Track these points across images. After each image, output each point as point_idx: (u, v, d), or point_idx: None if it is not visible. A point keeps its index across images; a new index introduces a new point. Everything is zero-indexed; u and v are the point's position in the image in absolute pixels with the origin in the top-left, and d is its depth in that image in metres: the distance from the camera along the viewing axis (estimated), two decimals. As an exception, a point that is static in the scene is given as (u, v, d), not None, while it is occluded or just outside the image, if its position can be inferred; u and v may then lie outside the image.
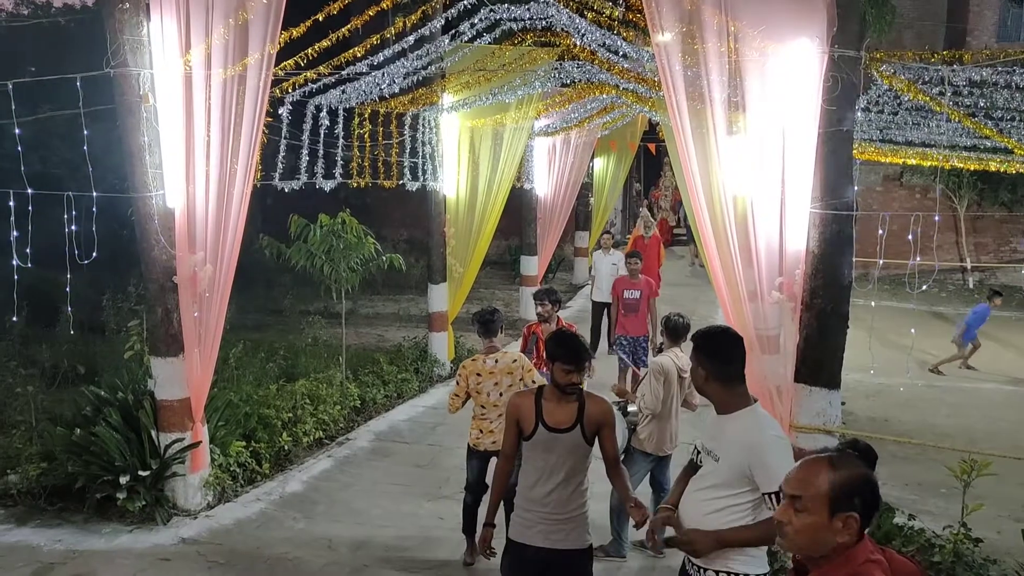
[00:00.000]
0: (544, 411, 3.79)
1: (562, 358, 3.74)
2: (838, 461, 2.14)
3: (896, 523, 5.62)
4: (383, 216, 19.55)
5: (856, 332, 7.03)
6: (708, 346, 3.25)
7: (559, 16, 7.08)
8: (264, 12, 5.47)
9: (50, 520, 6.07)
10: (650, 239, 13.27)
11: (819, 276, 5.06)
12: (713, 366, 3.21)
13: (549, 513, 3.77)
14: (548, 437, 3.76)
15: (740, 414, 3.18)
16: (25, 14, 19.45)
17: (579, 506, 3.82)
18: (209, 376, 6.22)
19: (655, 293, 9.54)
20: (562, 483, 3.76)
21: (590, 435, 3.77)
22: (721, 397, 3.22)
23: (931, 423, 8.99)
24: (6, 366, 8.33)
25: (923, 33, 19.56)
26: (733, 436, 3.15)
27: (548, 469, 3.77)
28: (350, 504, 6.57)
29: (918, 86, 5.44)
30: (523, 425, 3.82)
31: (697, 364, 3.25)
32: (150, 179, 5.85)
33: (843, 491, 2.10)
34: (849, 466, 2.13)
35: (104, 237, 6.11)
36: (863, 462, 2.17)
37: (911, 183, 18.54)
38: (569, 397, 3.78)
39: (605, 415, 3.82)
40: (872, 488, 2.11)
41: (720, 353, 3.23)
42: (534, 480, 3.81)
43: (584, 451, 3.79)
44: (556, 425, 3.75)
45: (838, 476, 2.11)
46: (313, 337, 10.99)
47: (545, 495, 3.77)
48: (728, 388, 3.20)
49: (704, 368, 3.22)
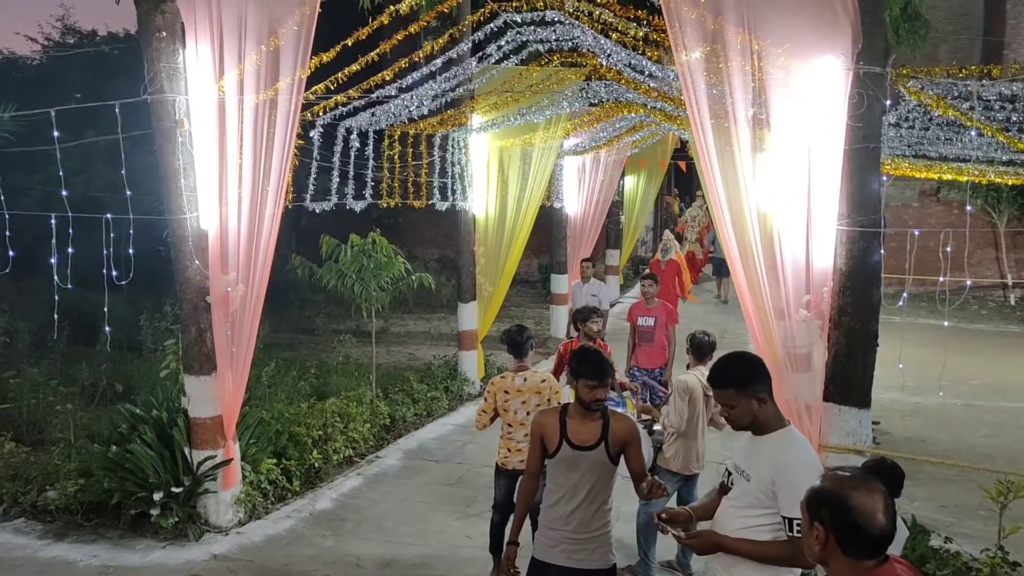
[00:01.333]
0: (568, 428, 3.79)
1: (586, 374, 3.75)
2: (831, 474, 2.13)
3: (931, 545, 5.51)
4: (415, 236, 19.74)
5: (890, 350, 6.94)
6: (756, 370, 3.19)
7: (584, 37, 7.14)
8: (295, 38, 5.60)
9: (86, 536, 6.20)
10: (667, 265, 12.38)
11: (847, 294, 5.01)
12: (766, 387, 3.14)
13: (572, 532, 3.76)
14: (572, 455, 3.76)
15: (776, 434, 3.15)
16: (71, 43, 20.08)
17: (603, 525, 3.80)
18: (241, 394, 6.32)
19: (674, 320, 8.58)
20: (585, 501, 3.75)
21: (615, 453, 3.76)
22: (770, 416, 3.15)
23: (969, 443, 8.79)
24: (47, 384, 8.54)
25: (959, 47, 19.30)
26: (766, 455, 3.13)
27: (572, 487, 3.77)
28: (379, 522, 6.61)
29: (947, 101, 5.39)
30: (547, 442, 3.83)
31: (751, 391, 3.12)
32: (185, 201, 6.01)
33: (813, 500, 2.11)
34: (834, 480, 2.11)
35: (143, 258, 6.28)
36: (888, 480, 2.15)
37: (948, 198, 18.23)
38: (594, 414, 3.77)
39: (630, 432, 3.81)
40: (840, 504, 2.05)
41: (764, 371, 3.19)
42: (557, 498, 3.81)
43: (608, 470, 3.78)
44: (580, 443, 3.75)
45: (817, 485, 2.12)
46: (344, 356, 11.11)
47: (568, 514, 3.77)
48: (774, 405, 3.17)
49: (759, 391, 3.12)
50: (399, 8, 5.98)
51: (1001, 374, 11.95)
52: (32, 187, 13.95)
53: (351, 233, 8.98)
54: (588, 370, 3.75)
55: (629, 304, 17.69)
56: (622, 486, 3.91)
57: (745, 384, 3.14)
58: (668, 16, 5.01)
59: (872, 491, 2.06)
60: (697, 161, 10.68)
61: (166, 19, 5.81)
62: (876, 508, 2.03)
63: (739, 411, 3.16)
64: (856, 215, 4.93)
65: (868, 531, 2.02)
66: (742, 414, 3.16)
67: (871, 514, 2.02)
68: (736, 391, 3.15)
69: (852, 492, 2.05)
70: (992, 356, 13.15)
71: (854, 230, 4.95)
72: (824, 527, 2.05)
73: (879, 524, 2.02)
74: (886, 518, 2.03)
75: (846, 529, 2.03)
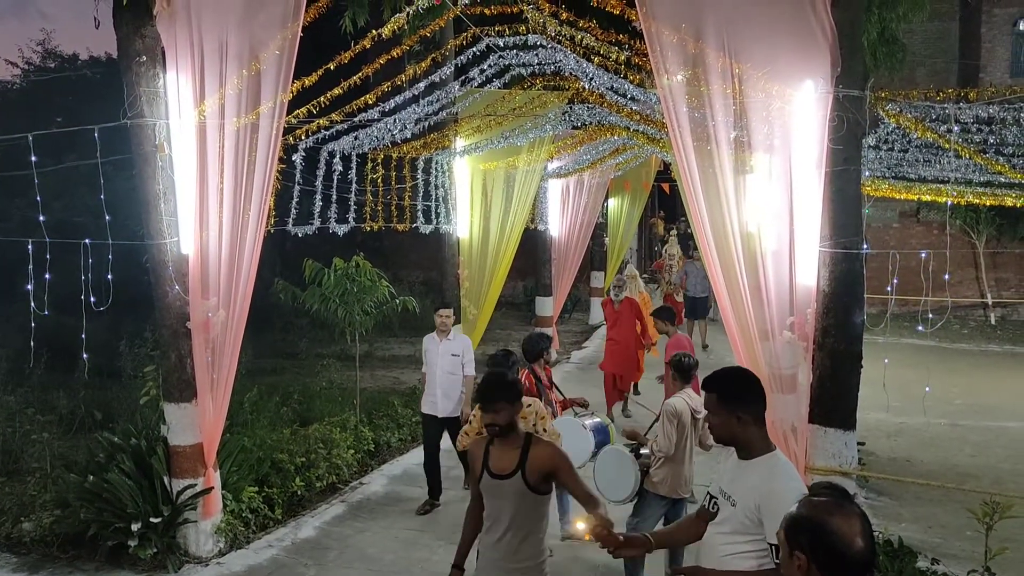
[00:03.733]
0: (490, 456, 3.74)
1: (477, 399, 3.73)
2: (808, 500, 2.11)
3: (918, 567, 5.49)
4: (399, 259, 19.70)
5: (875, 371, 6.96)
6: (746, 388, 3.15)
7: (567, 61, 7.18)
8: (276, 63, 5.59)
9: (62, 568, 6.06)
10: (621, 305, 10.17)
11: (830, 315, 5.02)
12: (754, 408, 3.11)
13: (502, 560, 3.69)
14: (492, 483, 3.70)
15: (762, 459, 3.11)
16: (52, 67, 20.02)
17: (530, 556, 3.69)
18: (221, 421, 6.23)
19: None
20: (510, 531, 3.66)
21: (533, 482, 3.64)
22: (754, 439, 3.11)
23: (954, 463, 8.80)
24: (24, 413, 8.39)
25: (936, 70, 19.61)
26: (752, 481, 3.09)
27: (495, 515, 3.71)
28: (363, 550, 6.50)
29: (925, 124, 5.45)
30: (473, 468, 3.81)
31: (733, 409, 3.10)
32: (165, 226, 5.94)
33: (791, 526, 2.09)
34: (812, 506, 2.09)
35: (124, 283, 6.20)
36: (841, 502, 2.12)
37: (928, 219, 18.44)
38: (514, 442, 3.70)
39: (551, 459, 3.68)
40: (818, 530, 2.03)
41: (756, 393, 3.14)
42: (487, 526, 3.76)
43: (530, 500, 3.66)
44: (499, 471, 3.69)
45: (794, 511, 2.11)
46: (328, 380, 11.01)
47: (495, 542, 3.70)
48: (763, 430, 3.13)
49: (743, 411, 3.09)
50: (382, 32, 5.96)
51: (984, 393, 12.01)
52: (12, 212, 13.82)
53: (335, 257, 8.94)
54: (478, 396, 3.73)
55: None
56: (612, 511, 3.84)
57: (728, 397, 3.13)
58: (649, 40, 5.04)
59: (849, 515, 2.05)
60: (680, 184, 10.69)
61: (146, 43, 5.78)
62: (854, 532, 2.01)
63: (718, 421, 3.15)
64: (838, 237, 4.96)
65: (847, 556, 2.00)
66: (721, 426, 3.15)
67: (850, 539, 2.01)
68: (718, 400, 3.14)
69: (829, 518, 2.03)
70: (975, 375, 13.23)
71: (837, 251, 4.97)
72: (804, 554, 2.02)
73: (858, 548, 2.00)
74: (865, 542, 2.02)
75: (825, 555, 2.01)
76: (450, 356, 7.37)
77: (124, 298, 6.29)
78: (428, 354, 7.52)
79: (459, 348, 7.42)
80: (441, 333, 7.47)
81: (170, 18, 5.64)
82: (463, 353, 7.41)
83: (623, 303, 10.20)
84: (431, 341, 7.51)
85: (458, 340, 7.52)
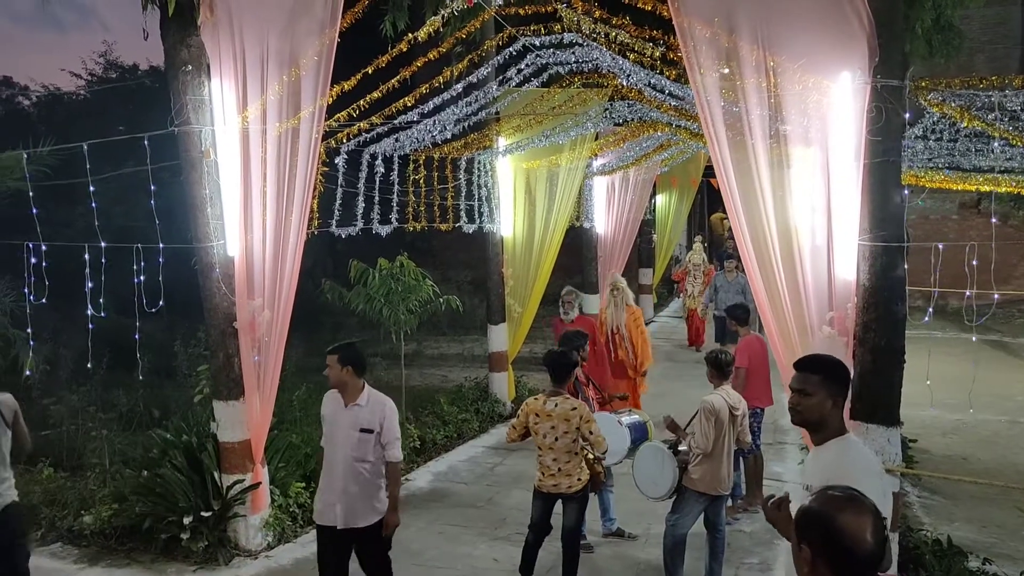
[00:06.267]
0: None
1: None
2: (820, 495, 2.10)
3: (968, 567, 5.36)
4: (448, 258, 19.88)
5: (934, 366, 6.77)
6: (837, 372, 3.22)
7: (603, 58, 7.17)
8: (315, 69, 5.72)
9: (120, 560, 6.31)
10: (571, 326, 7.94)
11: (871, 310, 4.92)
12: (842, 392, 3.18)
13: None
14: None
15: (833, 443, 3.14)
16: (113, 77, 20.73)
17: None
18: (268, 418, 6.40)
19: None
20: None
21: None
22: (836, 422, 3.15)
23: (1013, 461, 8.53)
24: (86, 411, 8.73)
25: (996, 56, 18.96)
26: (822, 464, 3.11)
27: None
28: (407, 545, 6.60)
29: (972, 112, 5.30)
30: None
31: (824, 391, 3.12)
32: (212, 230, 6.14)
33: (802, 520, 2.09)
34: (824, 501, 2.08)
35: (179, 285, 6.41)
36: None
37: (989, 210, 17.83)
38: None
39: None
40: (828, 526, 2.02)
41: (846, 378, 3.25)
42: None
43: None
44: None
45: (805, 505, 2.10)
46: (375, 379, 11.18)
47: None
48: (840, 416, 3.17)
49: (831, 394, 3.13)
50: (417, 35, 6.05)
51: (1048, 390, 11.59)
52: (75, 219, 14.35)
53: (385, 257, 9.10)
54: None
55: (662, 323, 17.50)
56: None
57: (835, 378, 3.18)
58: (681, 35, 5.02)
59: (861, 512, 2.03)
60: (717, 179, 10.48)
61: (191, 53, 5.97)
62: (864, 529, 1.99)
63: (812, 401, 3.14)
64: (878, 230, 4.86)
65: (855, 553, 1.98)
66: (812, 406, 3.13)
67: (859, 536, 1.99)
68: (822, 379, 3.15)
69: (840, 513, 2.02)
70: (1040, 371, 12.77)
71: (876, 245, 4.87)
72: (812, 548, 2.02)
73: (867, 546, 1.98)
74: (874, 540, 1.99)
75: (833, 549, 2.00)
76: (357, 433, 4.77)
77: (179, 299, 6.51)
78: (326, 421, 4.99)
79: (373, 419, 4.78)
80: (348, 394, 4.83)
81: (213, 28, 5.82)
82: (381, 427, 4.78)
83: (576, 322, 8.35)
84: (333, 402, 4.94)
85: (372, 406, 4.82)
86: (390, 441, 4.83)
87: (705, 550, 5.67)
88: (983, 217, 17.96)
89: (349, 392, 4.86)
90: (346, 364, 4.83)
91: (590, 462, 5.61)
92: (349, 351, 4.91)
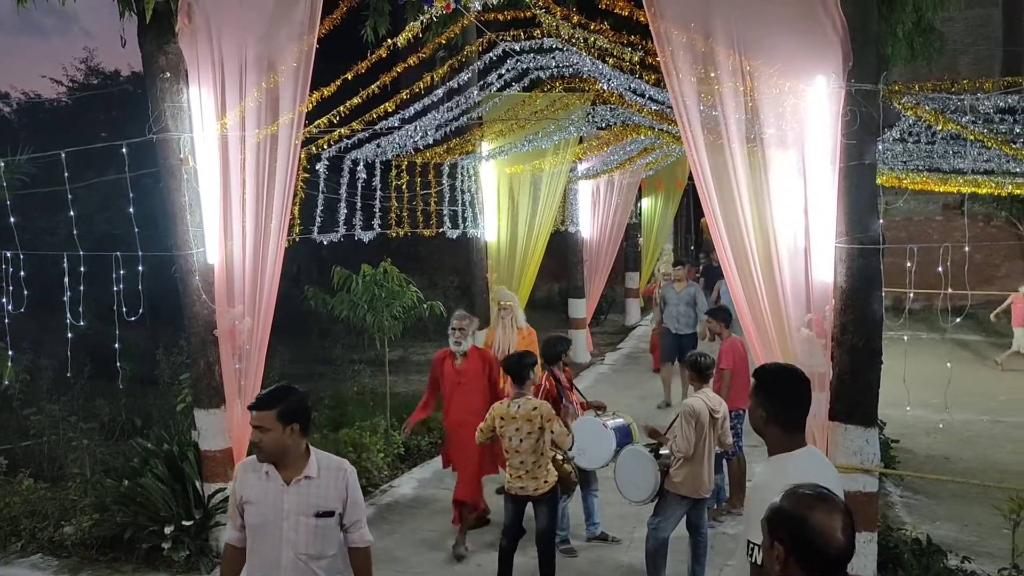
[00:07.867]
0: None
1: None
2: (791, 492, 2.11)
3: (947, 566, 5.39)
4: (434, 263, 19.87)
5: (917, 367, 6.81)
6: (774, 386, 3.06)
7: (583, 63, 7.20)
8: (294, 75, 5.70)
9: (101, 570, 6.26)
10: (465, 360, 6.60)
11: (848, 312, 4.96)
12: (777, 408, 2.99)
13: None
14: None
15: (773, 459, 3.04)
16: (94, 83, 20.63)
17: None
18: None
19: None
20: None
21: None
22: (778, 440, 3.02)
23: (993, 460, 8.59)
24: (67, 420, 8.66)
25: (979, 57, 19.15)
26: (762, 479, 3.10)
27: None
28: (391, 552, 6.59)
29: (946, 115, 5.35)
30: None
31: (758, 404, 3.02)
32: (191, 237, 6.11)
33: (773, 518, 2.10)
34: (794, 498, 2.09)
35: (162, 293, 6.37)
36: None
37: (972, 211, 17.98)
38: None
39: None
40: (799, 524, 2.03)
41: (786, 395, 3.02)
42: None
43: None
44: None
45: (776, 503, 2.11)
46: (360, 385, 11.15)
47: None
48: (788, 433, 3.01)
49: (765, 409, 3.00)
50: (396, 41, 6.06)
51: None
52: (58, 227, 14.25)
53: (370, 264, 9.08)
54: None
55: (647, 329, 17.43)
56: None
57: (759, 386, 3.08)
58: (658, 39, 5.04)
59: (832, 510, 2.05)
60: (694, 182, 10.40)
61: (169, 60, 5.95)
62: (835, 527, 2.02)
63: (749, 407, 3.13)
64: (854, 232, 4.90)
65: (826, 550, 2.01)
66: (751, 413, 3.10)
67: (830, 534, 2.01)
68: (753, 388, 3.12)
69: (810, 511, 2.04)
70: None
71: (853, 247, 4.91)
72: (784, 546, 2.03)
73: (837, 544, 2.01)
74: (845, 537, 2.02)
75: (804, 547, 2.02)
76: (311, 519, 3.36)
77: (162, 308, 6.48)
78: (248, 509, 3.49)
79: (332, 495, 3.40)
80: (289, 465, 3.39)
81: (191, 35, 5.79)
82: (344, 505, 3.43)
83: (468, 357, 6.62)
84: (258, 479, 3.48)
85: (327, 477, 3.42)
86: (357, 519, 3.47)
87: (688, 553, 5.68)
88: (967, 218, 18.13)
89: (291, 462, 3.35)
90: (290, 421, 3.31)
91: (558, 463, 5.68)
92: (291, 401, 3.37)
